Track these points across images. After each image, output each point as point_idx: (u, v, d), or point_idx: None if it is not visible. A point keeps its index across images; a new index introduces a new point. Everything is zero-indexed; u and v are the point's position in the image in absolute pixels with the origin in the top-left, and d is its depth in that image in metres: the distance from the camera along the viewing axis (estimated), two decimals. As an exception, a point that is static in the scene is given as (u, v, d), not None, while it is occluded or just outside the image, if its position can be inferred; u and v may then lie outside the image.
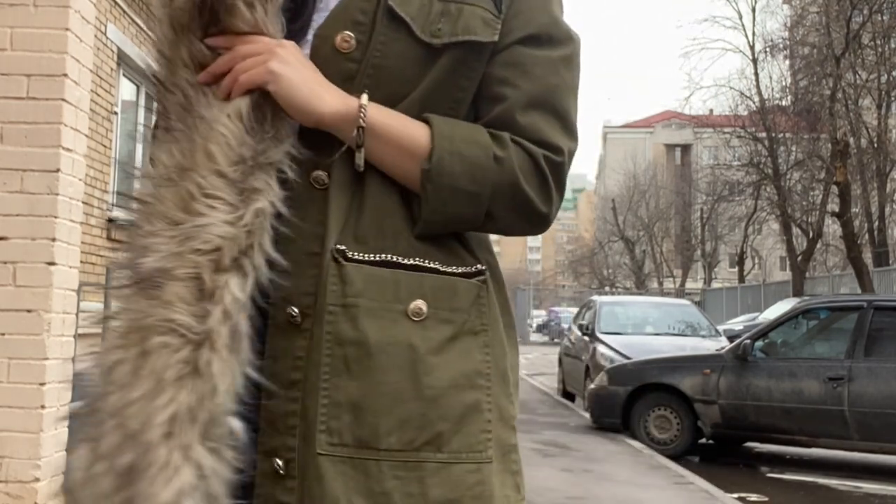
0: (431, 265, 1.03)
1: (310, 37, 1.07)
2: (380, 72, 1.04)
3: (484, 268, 1.07)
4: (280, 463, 0.99)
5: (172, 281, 0.94)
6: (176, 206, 0.97)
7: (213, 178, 0.97)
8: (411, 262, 1.02)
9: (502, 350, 1.07)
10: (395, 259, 1.02)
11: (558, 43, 1.10)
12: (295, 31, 1.07)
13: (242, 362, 0.96)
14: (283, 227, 1.00)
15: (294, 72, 1.01)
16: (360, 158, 1.03)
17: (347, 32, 1.03)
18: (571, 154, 1.09)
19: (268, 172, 1.00)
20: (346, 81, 1.04)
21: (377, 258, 1.01)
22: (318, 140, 1.03)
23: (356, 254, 1.01)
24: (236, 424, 0.96)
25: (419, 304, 1.01)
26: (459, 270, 1.05)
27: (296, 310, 1.00)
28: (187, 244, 0.95)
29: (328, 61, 1.04)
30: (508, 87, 1.07)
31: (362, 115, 1.02)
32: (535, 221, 1.09)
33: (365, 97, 1.03)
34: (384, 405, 0.98)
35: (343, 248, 1.01)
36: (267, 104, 1.02)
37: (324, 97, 1.02)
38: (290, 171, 1.01)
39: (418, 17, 1.03)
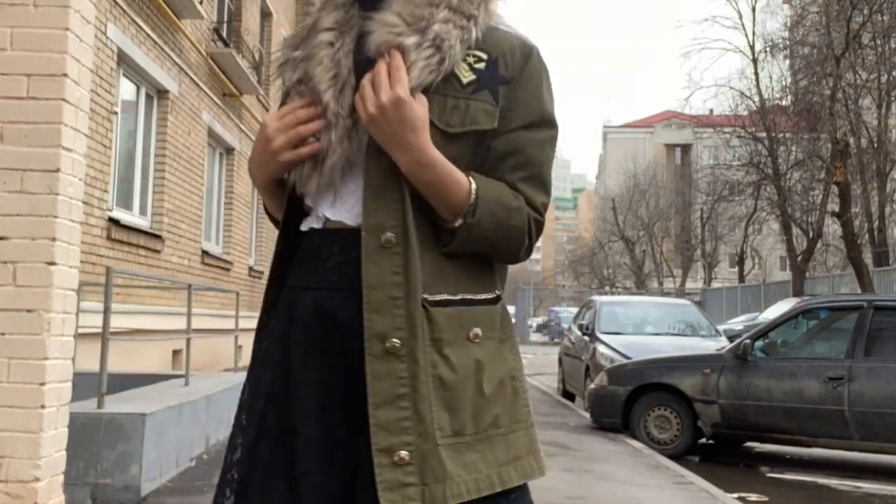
0: (476, 297, 1.44)
1: None
2: None
3: (501, 293, 1.51)
4: (403, 455, 1.33)
5: None
6: None
7: None
8: (461, 297, 1.43)
9: (517, 348, 1.53)
10: (451, 297, 1.41)
11: (545, 127, 1.50)
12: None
13: None
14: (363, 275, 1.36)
15: None
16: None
17: None
18: (546, 206, 1.50)
19: None
20: None
21: (441, 299, 1.40)
22: (384, 209, 1.38)
23: (430, 297, 1.39)
24: None
25: (476, 330, 1.43)
26: (489, 297, 1.47)
27: (397, 342, 1.35)
28: None
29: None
30: (510, 160, 1.46)
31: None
32: (512, 260, 1.51)
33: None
34: (464, 405, 1.39)
35: (427, 296, 1.38)
36: None
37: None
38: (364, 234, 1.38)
39: (435, 112, 1.41)
